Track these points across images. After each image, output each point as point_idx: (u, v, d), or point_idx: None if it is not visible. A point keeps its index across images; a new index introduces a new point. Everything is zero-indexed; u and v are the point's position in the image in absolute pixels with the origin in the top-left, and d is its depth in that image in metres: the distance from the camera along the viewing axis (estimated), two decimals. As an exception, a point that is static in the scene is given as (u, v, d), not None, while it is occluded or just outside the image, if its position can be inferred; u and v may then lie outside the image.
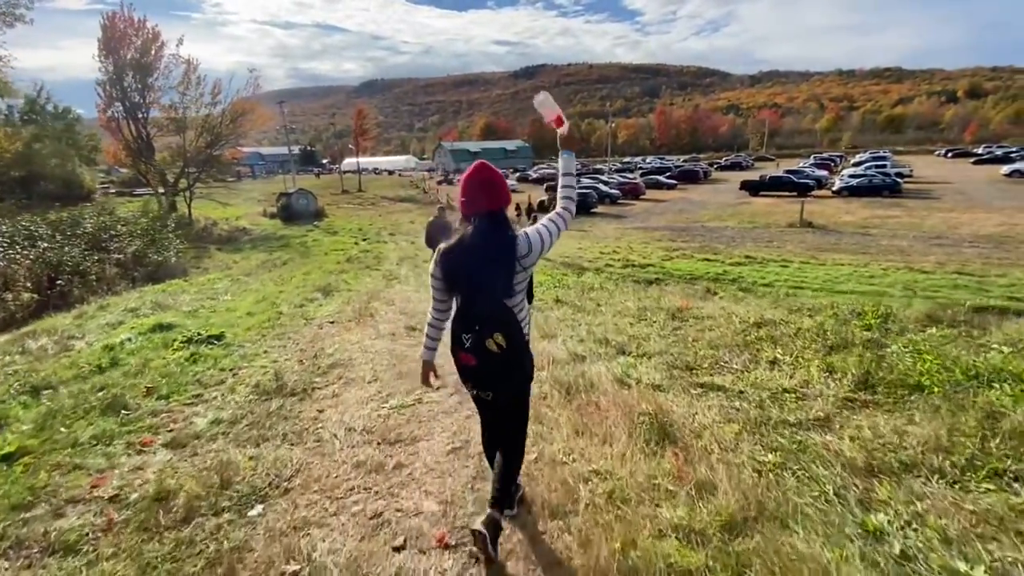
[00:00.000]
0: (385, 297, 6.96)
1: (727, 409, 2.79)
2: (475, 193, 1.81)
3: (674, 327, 4.64)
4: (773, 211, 26.97)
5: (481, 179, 1.81)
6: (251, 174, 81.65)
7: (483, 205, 1.80)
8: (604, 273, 12.42)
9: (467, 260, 1.77)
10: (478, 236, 1.77)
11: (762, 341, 3.97)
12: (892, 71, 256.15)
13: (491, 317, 1.74)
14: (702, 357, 3.65)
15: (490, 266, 1.75)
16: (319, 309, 6.11)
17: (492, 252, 1.76)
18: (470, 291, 1.78)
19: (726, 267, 14.07)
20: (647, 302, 5.80)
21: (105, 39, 26.87)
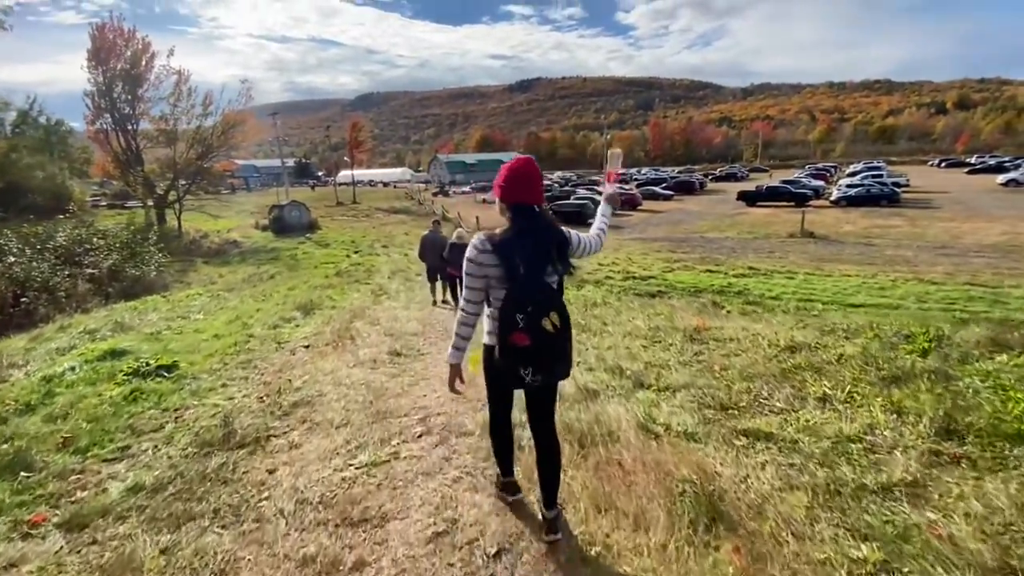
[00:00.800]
0: (370, 316, 6.35)
1: (784, 468, 2.21)
2: (532, 185, 1.89)
3: (694, 352, 4.06)
4: (772, 221, 26.61)
5: (535, 171, 1.92)
6: (245, 186, 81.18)
7: (535, 197, 1.89)
8: (604, 286, 11.86)
9: (527, 246, 1.81)
10: (539, 224, 1.86)
11: (802, 370, 3.39)
12: (882, 83, 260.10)
13: (547, 299, 1.79)
14: (737, 393, 3.07)
15: (550, 252, 1.84)
16: (295, 331, 5.51)
17: (552, 238, 1.88)
18: (527, 275, 1.79)
19: (730, 279, 13.56)
20: (658, 321, 5.22)
21: (94, 50, 26.44)
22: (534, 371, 1.80)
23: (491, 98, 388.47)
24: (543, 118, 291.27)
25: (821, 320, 5.66)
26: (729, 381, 3.27)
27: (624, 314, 5.96)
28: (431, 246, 7.92)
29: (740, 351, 3.94)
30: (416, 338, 5.12)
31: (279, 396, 3.39)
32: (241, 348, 4.69)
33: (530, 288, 1.76)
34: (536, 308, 1.74)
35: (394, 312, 6.63)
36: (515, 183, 1.86)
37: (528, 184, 1.88)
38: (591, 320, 5.44)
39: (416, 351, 4.60)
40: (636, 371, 3.54)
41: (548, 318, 1.75)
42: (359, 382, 3.65)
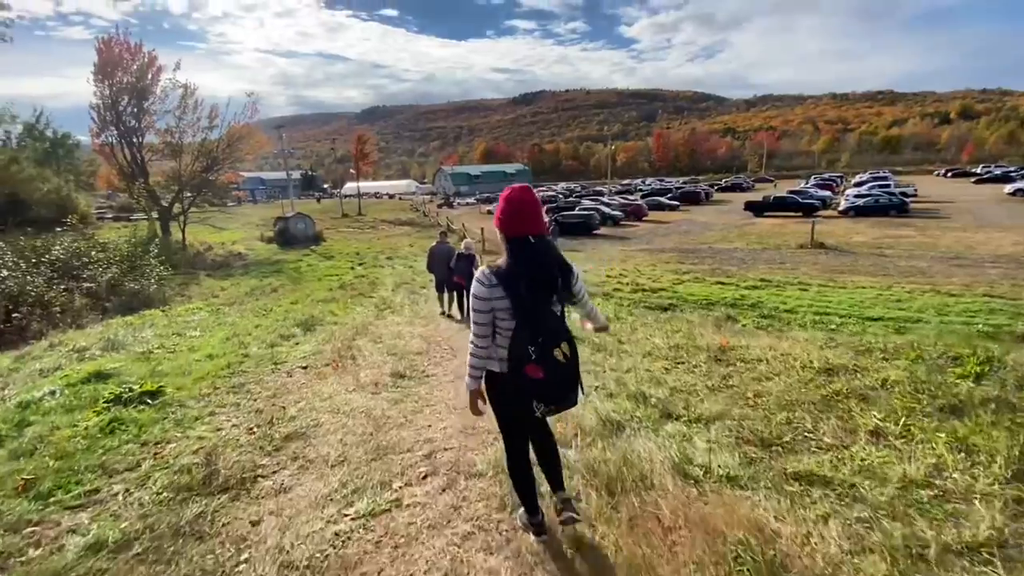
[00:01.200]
0: (373, 332, 6.06)
1: (851, 524, 1.88)
2: (529, 214, 1.82)
3: (722, 375, 3.74)
4: (781, 232, 26.26)
5: (531, 200, 1.88)
6: (251, 198, 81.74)
7: (538, 227, 1.83)
8: (614, 299, 11.55)
9: (531, 276, 1.79)
10: (539, 253, 1.82)
11: (846, 398, 3.06)
12: (885, 94, 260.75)
13: (557, 328, 1.78)
14: (777, 425, 2.74)
15: (553, 282, 1.82)
16: (294, 349, 5.21)
17: (557, 269, 1.85)
18: (535, 306, 1.79)
19: (742, 291, 13.21)
20: (678, 338, 4.90)
21: (100, 63, 26.60)
22: (547, 403, 1.79)
23: (495, 111, 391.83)
24: (546, 130, 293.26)
25: (852, 337, 5.32)
26: (766, 410, 2.94)
27: (640, 331, 5.63)
28: (439, 257, 7.86)
29: (772, 374, 3.61)
30: (420, 357, 4.82)
31: (271, 427, 3.09)
32: (235, 370, 4.39)
33: (539, 319, 1.76)
34: (547, 339, 1.74)
35: (398, 328, 6.34)
36: (514, 216, 1.83)
37: (527, 215, 1.83)
38: (606, 338, 5.12)
39: (420, 372, 4.31)
40: (662, 398, 3.22)
41: (559, 348, 1.74)
42: (359, 409, 3.35)
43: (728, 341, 4.44)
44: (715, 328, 8.56)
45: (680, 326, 6.12)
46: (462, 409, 3.36)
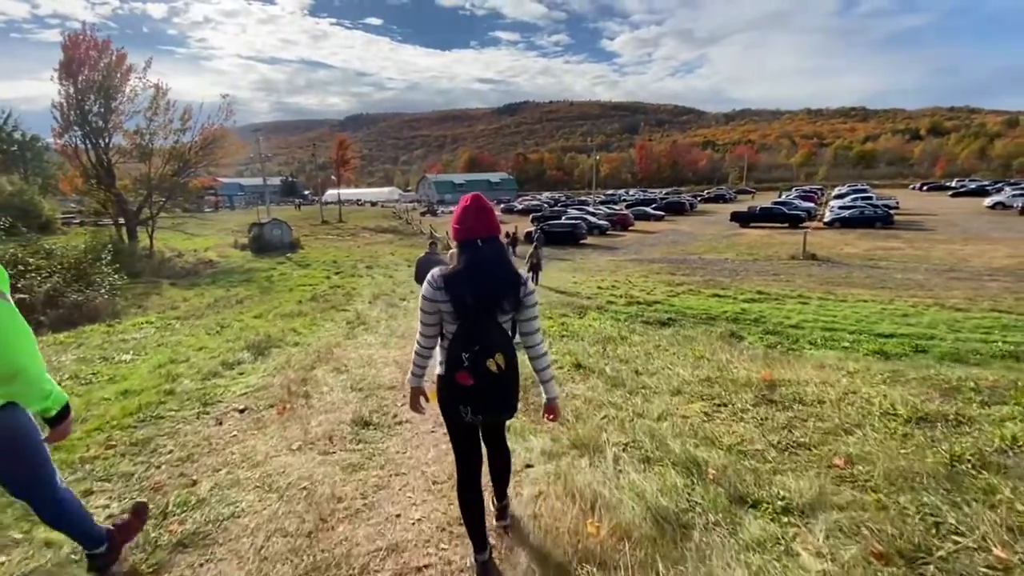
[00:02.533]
0: (339, 357, 5.09)
1: None
2: (476, 219, 1.85)
3: (781, 423, 2.90)
4: (769, 243, 25.97)
5: (479, 206, 1.88)
6: (228, 204, 79.69)
7: (485, 231, 1.85)
8: (609, 312, 10.71)
9: (478, 281, 1.79)
10: (490, 257, 1.83)
11: (977, 469, 2.22)
12: (857, 110, 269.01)
13: (494, 338, 1.77)
14: (907, 520, 1.87)
15: (501, 287, 1.81)
16: (235, 382, 4.22)
17: (503, 273, 1.84)
18: (476, 312, 1.79)
19: (741, 304, 12.52)
20: (705, 369, 4.06)
21: (66, 60, 25.12)
22: (474, 410, 1.81)
23: (479, 120, 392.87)
24: (531, 140, 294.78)
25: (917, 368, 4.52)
26: (876, 490, 2.09)
27: (657, 357, 4.79)
28: (427, 268, 7.13)
29: (849, 424, 2.79)
30: (393, 394, 3.89)
31: (163, 521, 2.09)
32: (149, 414, 3.39)
33: (478, 327, 1.76)
34: (483, 348, 1.74)
35: (369, 352, 5.37)
36: (465, 221, 1.84)
37: (477, 220, 1.84)
38: (620, 367, 4.26)
39: (391, 418, 3.38)
40: (722, 467, 2.34)
41: (493, 359, 1.74)
42: (299, 483, 2.39)
43: (771, 374, 3.60)
44: (724, 345, 7.78)
45: (702, 349, 5.26)
46: (445, 482, 2.44)
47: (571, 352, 4.96)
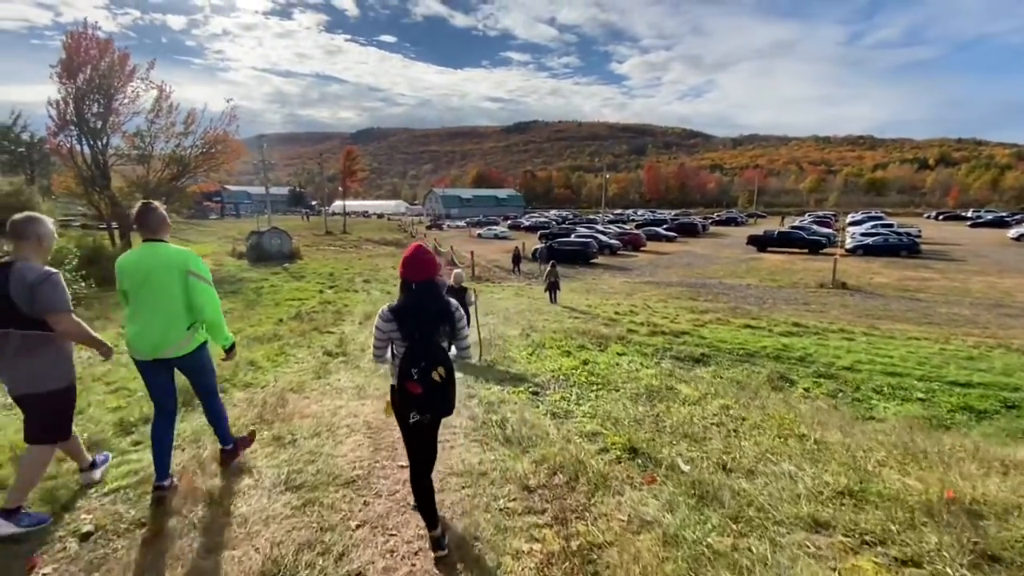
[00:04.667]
0: (291, 413, 3.74)
1: None
2: (413, 268, 2.36)
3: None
4: (791, 268, 24.63)
5: (417, 257, 2.38)
6: (234, 211, 79.24)
7: (420, 276, 2.37)
8: (633, 345, 9.33)
9: (420, 314, 2.31)
10: (421, 297, 2.35)
11: None
12: (865, 139, 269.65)
13: (435, 356, 2.24)
14: None
15: (437, 318, 2.33)
16: (120, 461, 2.90)
17: (439, 308, 2.36)
18: (421, 337, 2.27)
19: (779, 338, 11.13)
20: (832, 468, 2.68)
21: (67, 58, 24.39)
22: (421, 412, 2.26)
23: (488, 138, 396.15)
24: (539, 159, 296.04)
25: None
26: None
27: (737, 430, 3.43)
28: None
29: None
30: (351, 495, 2.52)
31: None
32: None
33: (422, 348, 2.24)
34: (427, 363, 2.21)
35: (336, 404, 4.03)
36: (406, 266, 2.37)
37: (415, 267, 2.35)
38: (692, 455, 2.87)
39: (343, 560, 2.00)
40: None
41: (436, 371, 2.21)
42: None
43: (953, 492, 2.24)
44: (774, 393, 6.38)
45: (791, 418, 3.88)
46: None
47: (613, 418, 3.61)
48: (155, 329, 2.66)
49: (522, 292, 18.25)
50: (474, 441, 3.25)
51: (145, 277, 2.66)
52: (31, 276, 2.41)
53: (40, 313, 2.43)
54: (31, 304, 2.41)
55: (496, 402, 4.09)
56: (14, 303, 2.40)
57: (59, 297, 2.47)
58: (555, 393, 4.61)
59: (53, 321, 2.46)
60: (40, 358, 2.51)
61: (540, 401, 4.27)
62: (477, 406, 3.99)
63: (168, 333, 2.67)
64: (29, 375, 2.50)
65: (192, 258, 2.79)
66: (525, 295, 17.24)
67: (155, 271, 2.65)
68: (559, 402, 4.23)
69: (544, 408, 4.00)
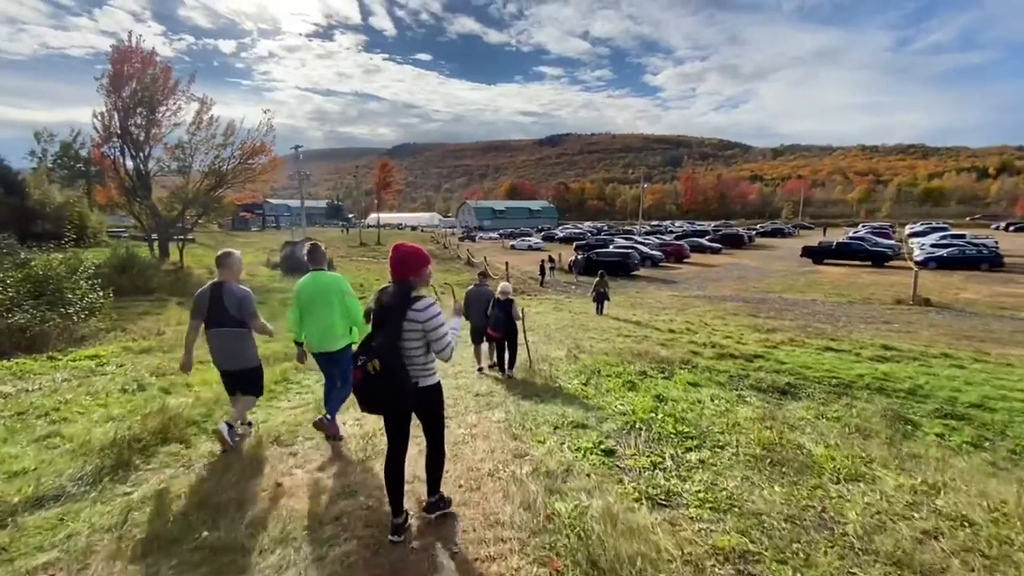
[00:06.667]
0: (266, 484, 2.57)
1: None
2: (393, 266, 2.53)
3: None
4: (856, 283, 22.34)
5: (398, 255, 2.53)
6: (274, 224, 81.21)
7: (399, 275, 2.51)
8: (702, 371, 7.83)
9: (377, 304, 2.51)
10: (391, 292, 2.51)
11: None
12: (917, 147, 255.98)
13: (378, 350, 2.34)
14: None
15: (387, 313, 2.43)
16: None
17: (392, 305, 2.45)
18: (375, 327, 2.46)
19: (873, 365, 9.32)
20: None
21: (114, 72, 24.94)
22: (360, 403, 2.42)
23: (521, 151, 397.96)
24: (572, 171, 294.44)
25: None
26: None
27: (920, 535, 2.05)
28: (476, 302, 6.93)
29: None
30: None
31: None
32: None
33: (370, 339, 2.42)
34: (368, 355, 2.33)
35: (328, 473, 2.82)
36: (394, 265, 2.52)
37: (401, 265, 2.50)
38: None
39: None
40: None
41: (372, 363, 2.30)
42: None
43: None
44: (906, 442, 4.80)
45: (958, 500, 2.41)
46: None
47: (753, 515, 2.25)
48: (319, 332, 3.73)
49: (562, 306, 16.88)
50: (536, 561, 1.97)
51: (314, 296, 3.72)
52: (238, 292, 3.63)
53: (243, 317, 3.62)
54: (238, 311, 3.59)
55: (559, 473, 2.80)
56: (227, 310, 3.56)
57: (254, 308, 3.70)
58: (638, 454, 3.28)
59: (250, 322, 3.66)
60: (243, 346, 3.69)
61: (621, 469, 2.95)
62: (532, 479, 2.69)
63: (327, 335, 3.73)
64: (238, 356, 3.68)
65: (344, 282, 3.90)
66: (565, 309, 15.87)
67: (321, 292, 3.72)
68: (651, 474, 2.90)
69: (633, 486, 2.69)
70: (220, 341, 3.60)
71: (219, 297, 3.54)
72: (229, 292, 3.58)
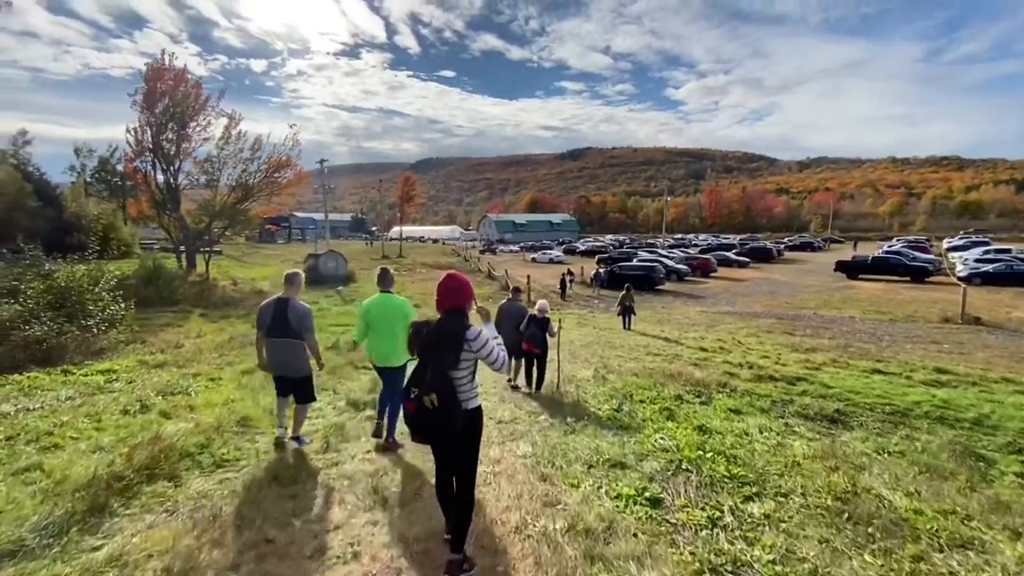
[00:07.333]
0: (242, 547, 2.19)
1: None
2: (444, 294, 2.55)
3: None
4: (896, 299, 21.20)
5: (449, 284, 2.58)
6: (300, 236, 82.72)
7: (450, 303, 2.53)
8: (741, 395, 7.24)
9: (428, 337, 2.46)
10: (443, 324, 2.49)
11: None
12: (951, 159, 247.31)
13: (434, 382, 2.31)
14: None
15: (443, 346, 2.41)
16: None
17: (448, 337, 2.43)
18: (424, 360, 2.43)
19: (928, 390, 8.54)
20: None
21: (148, 89, 25.68)
22: (412, 433, 2.44)
23: (542, 165, 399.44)
24: (593, 184, 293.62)
25: None
26: None
27: None
28: (509, 317, 6.93)
29: None
30: None
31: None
32: None
33: (424, 370, 2.38)
34: (424, 388, 2.31)
35: (334, 523, 2.43)
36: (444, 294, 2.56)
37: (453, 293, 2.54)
38: None
39: None
40: None
41: (429, 397, 2.28)
42: None
43: None
44: (984, 485, 4.15)
45: None
46: None
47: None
48: (383, 348, 4.14)
49: (585, 320, 16.35)
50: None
51: (381, 317, 4.16)
52: (301, 309, 4.18)
53: (301, 330, 4.12)
54: (299, 324, 4.11)
55: (599, 531, 2.35)
56: (290, 323, 4.07)
57: (312, 324, 4.23)
58: (690, 504, 2.79)
59: (306, 336, 4.17)
60: (298, 356, 4.16)
61: (673, 525, 2.47)
62: (568, 540, 2.24)
63: (390, 352, 4.11)
64: (293, 365, 4.16)
65: (408, 307, 4.30)
66: (589, 324, 15.34)
67: (387, 315, 4.15)
68: (710, 534, 2.42)
69: (691, 552, 2.22)
70: (279, 350, 4.08)
71: (283, 310, 4.04)
72: (293, 307, 4.10)
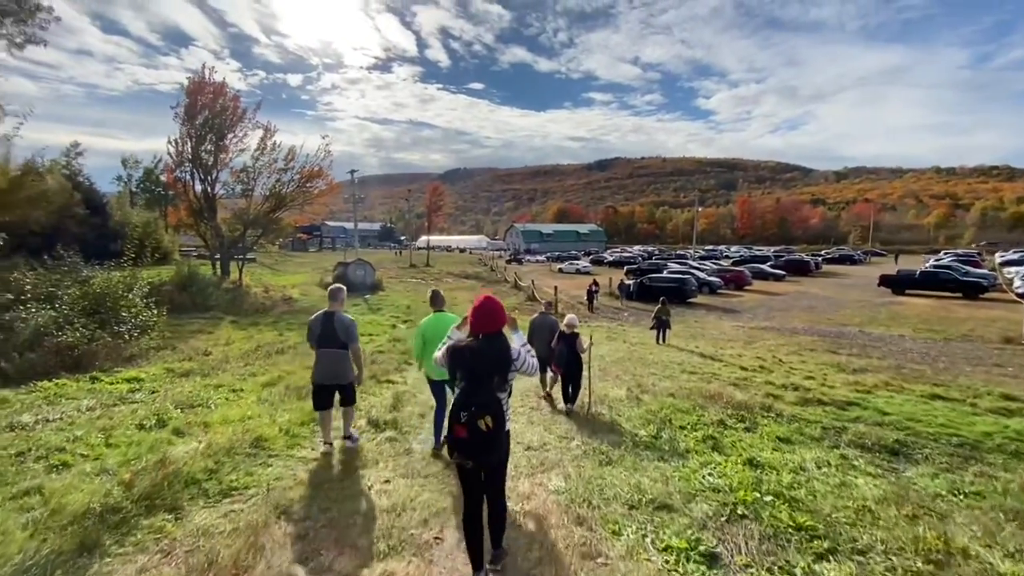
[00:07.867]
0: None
1: None
2: (484, 318, 2.56)
3: None
4: (949, 316, 19.89)
5: (488, 307, 2.59)
6: (330, 245, 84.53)
7: (488, 328, 2.55)
8: (788, 421, 6.68)
9: (473, 361, 2.47)
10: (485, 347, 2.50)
11: None
12: (1001, 169, 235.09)
13: (485, 404, 2.35)
14: None
15: (494, 368, 2.46)
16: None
17: (493, 360, 2.48)
18: (471, 383, 2.43)
19: (999, 420, 7.79)
20: None
21: (189, 102, 26.63)
22: (465, 456, 2.38)
23: (569, 175, 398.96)
24: (620, 195, 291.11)
25: None
26: None
27: None
28: (540, 331, 7.04)
29: None
30: None
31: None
32: None
33: (474, 393, 2.38)
34: (477, 409, 2.32)
35: None
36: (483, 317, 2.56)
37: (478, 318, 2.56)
38: None
39: None
40: None
41: (483, 419, 2.31)
42: None
43: None
44: None
45: None
46: None
47: None
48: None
49: (615, 334, 15.84)
50: None
51: (436, 336, 4.33)
52: (346, 321, 4.73)
53: (346, 340, 4.64)
54: (345, 335, 4.64)
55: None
56: (337, 335, 4.58)
57: (356, 334, 4.77)
58: (754, 564, 2.39)
59: (351, 346, 4.65)
60: (344, 364, 4.64)
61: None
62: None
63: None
64: (339, 373, 4.61)
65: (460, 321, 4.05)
66: (619, 337, 14.83)
67: (442, 333, 3.98)
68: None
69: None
70: (327, 359, 4.51)
71: (331, 323, 4.55)
72: (339, 320, 4.62)
